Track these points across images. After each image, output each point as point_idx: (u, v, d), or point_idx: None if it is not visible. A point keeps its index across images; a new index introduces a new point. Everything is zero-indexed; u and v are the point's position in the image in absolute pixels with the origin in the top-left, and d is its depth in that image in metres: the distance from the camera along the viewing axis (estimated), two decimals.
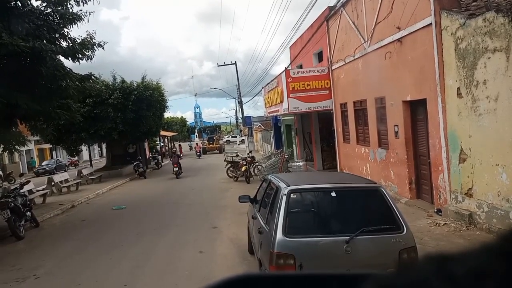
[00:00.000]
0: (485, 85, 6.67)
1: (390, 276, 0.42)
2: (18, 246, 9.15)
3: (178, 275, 6.31)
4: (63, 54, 10.92)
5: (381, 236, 4.22)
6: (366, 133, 12.15)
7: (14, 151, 12.48)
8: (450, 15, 7.47)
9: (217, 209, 11.31)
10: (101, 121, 21.12)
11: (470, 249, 0.40)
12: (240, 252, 7.13)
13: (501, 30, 6.18)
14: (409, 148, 9.68)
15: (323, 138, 17.57)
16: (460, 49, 7.21)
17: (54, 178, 18.52)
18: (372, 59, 10.95)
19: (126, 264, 7.07)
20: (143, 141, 27.28)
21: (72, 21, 11.15)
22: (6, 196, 10.40)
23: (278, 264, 4.09)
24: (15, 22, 9.54)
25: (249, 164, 16.93)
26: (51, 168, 31.68)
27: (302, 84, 14.45)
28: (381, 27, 10.10)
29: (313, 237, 4.27)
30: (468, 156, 7.35)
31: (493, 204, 6.75)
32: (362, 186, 4.90)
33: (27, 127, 12.71)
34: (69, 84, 11.26)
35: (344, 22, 12.82)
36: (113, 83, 22.54)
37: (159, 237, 8.69)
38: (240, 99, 36.09)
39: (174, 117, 74.33)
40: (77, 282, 6.39)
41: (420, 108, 9.06)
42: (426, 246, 6.37)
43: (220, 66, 35.58)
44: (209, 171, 22.58)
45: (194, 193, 15.01)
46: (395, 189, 10.33)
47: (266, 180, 6.02)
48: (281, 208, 4.30)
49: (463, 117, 7.35)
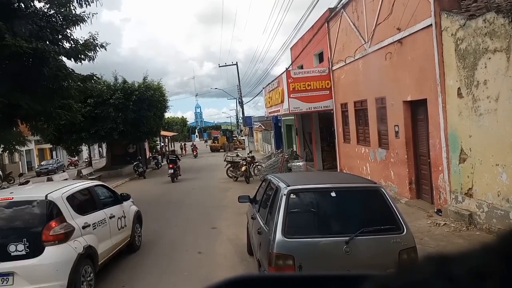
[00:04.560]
0: (485, 85, 6.67)
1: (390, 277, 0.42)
2: None
3: (177, 276, 6.31)
4: (66, 55, 10.97)
5: (381, 236, 4.22)
6: (367, 133, 12.15)
7: (14, 151, 12.49)
8: (450, 16, 7.48)
9: (217, 209, 11.31)
10: (101, 121, 21.15)
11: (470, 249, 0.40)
12: (239, 253, 7.13)
13: (502, 30, 6.18)
14: (409, 148, 9.68)
15: (324, 138, 17.57)
16: (461, 50, 7.21)
17: (53, 178, 18.53)
18: (372, 60, 10.95)
19: (124, 264, 7.06)
20: (143, 141, 27.29)
21: (75, 23, 11.20)
22: None
23: (278, 265, 4.09)
24: (18, 24, 9.56)
25: (249, 164, 16.93)
26: (53, 168, 31.85)
27: (303, 85, 14.46)
28: (381, 28, 10.11)
29: (313, 238, 4.26)
30: (468, 156, 7.35)
31: (493, 204, 6.75)
32: (362, 186, 4.90)
33: (27, 127, 12.73)
34: (70, 85, 11.31)
35: (344, 23, 12.82)
36: (114, 84, 22.58)
37: (159, 237, 8.69)
38: (240, 99, 36.12)
39: (174, 117, 74.37)
40: None
41: (421, 108, 9.07)
42: (426, 247, 6.36)
43: (221, 67, 35.63)
44: (209, 171, 22.57)
45: (194, 193, 15.00)
46: (395, 189, 10.33)
47: (266, 180, 6.02)
48: (281, 208, 4.29)
49: (463, 117, 7.35)
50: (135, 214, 7.89)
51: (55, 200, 5.33)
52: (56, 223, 5.17)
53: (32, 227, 5.13)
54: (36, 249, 4.93)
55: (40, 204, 5.27)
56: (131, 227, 7.49)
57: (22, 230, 5.10)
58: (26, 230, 5.10)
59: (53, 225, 5.12)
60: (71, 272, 5.03)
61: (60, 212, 5.31)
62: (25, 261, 4.85)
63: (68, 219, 5.36)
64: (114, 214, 6.80)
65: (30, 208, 5.33)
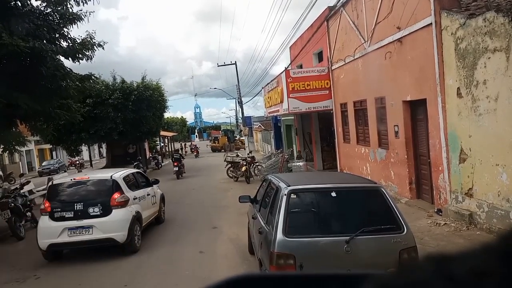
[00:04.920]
0: (485, 85, 6.67)
1: (390, 276, 0.42)
2: (18, 247, 9.15)
3: (179, 275, 6.32)
4: (64, 54, 10.91)
5: (381, 236, 4.22)
6: (366, 133, 12.15)
7: (14, 151, 12.47)
8: (450, 15, 7.47)
9: (217, 209, 11.31)
10: (101, 121, 21.13)
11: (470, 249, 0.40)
12: (241, 252, 7.14)
13: (501, 30, 6.18)
14: (409, 148, 9.68)
15: (323, 138, 17.56)
16: (460, 49, 7.21)
17: (53, 178, 18.52)
18: (372, 59, 10.95)
19: (126, 264, 7.07)
20: (143, 141, 27.28)
21: (72, 21, 11.14)
22: (6, 196, 10.40)
23: (279, 264, 4.09)
24: (15, 22, 9.53)
25: (249, 164, 16.93)
26: (55, 168, 31.95)
27: (302, 84, 14.45)
28: (381, 27, 10.10)
29: (314, 237, 4.27)
30: (468, 156, 7.34)
31: (493, 204, 6.75)
32: (362, 186, 4.90)
33: (27, 127, 12.70)
34: (69, 84, 11.26)
35: (344, 22, 12.82)
36: (113, 83, 22.55)
37: (159, 237, 8.69)
38: (240, 99, 36.06)
39: (174, 117, 74.33)
40: (77, 282, 6.40)
41: (420, 108, 9.06)
42: (427, 246, 6.36)
43: (220, 66, 35.58)
44: (209, 171, 22.57)
45: (195, 193, 15.01)
46: (395, 189, 10.33)
47: (266, 180, 6.02)
48: (281, 208, 4.30)
49: (463, 117, 7.35)
50: (161, 196, 10.20)
51: (117, 179, 7.82)
52: (119, 194, 7.59)
53: (103, 197, 7.53)
54: (106, 211, 7.39)
55: (107, 182, 7.76)
56: (159, 204, 9.86)
57: (96, 199, 7.52)
58: (99, 198, 7.51)
59: (116, 195, 7.55)
60: (129, 227, 7.46)
61: (120, 187, 7.74)
62: (100, 219, 7.31)
63: (125, 192, 7.79)
64: (149, 193, 9.17)
65: (101, 184, 7.79)
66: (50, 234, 7.29)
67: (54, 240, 7.24)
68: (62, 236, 7.25)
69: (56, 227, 7.28)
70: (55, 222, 7.35)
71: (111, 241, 7.33)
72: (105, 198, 7.49)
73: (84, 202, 7.41)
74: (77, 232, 7.29)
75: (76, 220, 7.31)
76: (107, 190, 7.62)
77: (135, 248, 7.68)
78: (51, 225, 7.34)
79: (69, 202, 7.52)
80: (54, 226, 7.30)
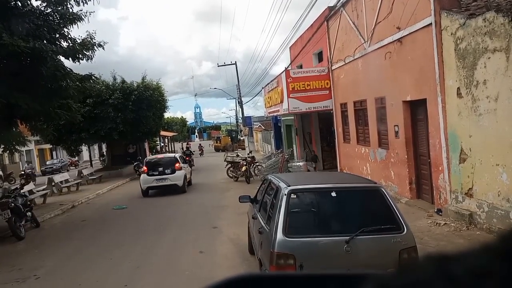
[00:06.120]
0: (485, 85, 6.66)
1: (390, 276, 0.42)
2: (18, 247, 9.15)
3: (179, 275, 6.32)
4: (64, 55, 10.92)
5: (381, 236, 4.22)
6: (366, 133, 12.15)
7: (14, 151, 12.48)
8: (450, 15, 7.47)
9: (217, 209, 11.32)
10: (101, 121, 21.13)
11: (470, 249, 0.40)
12: (241, 252, 7.14)
13: (501, 30, 6.18)
14: (409, 148, 9.68)
15: (323, 138, 17.56)
16: (460, 49, 7.21)
17: (54, 178, 18.51)
18: (372, 59, 10.95)
19: (126, 264, 7.07)
20: (143, 141, 27.29)
21: (72, 21, 11.14)
22: (6, 196, 10.40)
23: (279, 264, 4.09)
24: (15, 22, 9.53)
25: (249, 164, 16.93)
26: (57, 167, 32.09)
27: (302, 84, 14.45)
28: (381, 27, 10.10)
29: (313, 237, 4.27)
30: (468, 156, 7.34)
31: (494, 204, 6.75)
32: (362, 186, 4.90)
33: (27, 127, 12.71)
34: (69, 84, 11.25)
35: (344, 22, 12.82)
36: (113, 83, 22.55)
37: (160, 237, 8.69)
38: (240, 99, 36.06)
39: (174, 117, 74.37)
40: (77, 282, 6.40)
41: (420, 108, 9.06)
42: (427, 246, 6.36)
43: (220, 66, 35.58)
44: (209, 171, 22.58)
45: (195, 193, 15.01)
46: (395, 189, 10.33)
47: (266, 180, 6.02)
48: (281, 208, 4.30)
49: (463, 117, 7.35)
50: (190, 170, 18.22)
51: (177, 157, 16.16)
52: (178, 163, 15.30)
53: (171, 165, 15.17)
54: (173, 171, 15.02)
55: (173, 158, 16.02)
56: (190, 175, 17.36)
57: (168, 165, 15.16)
58: (169, 165, 15.16)
59: (177, 164, 15.27)
60: (184, 180, 15.28)
61: (178, 160, 15.58)
62: (170, 175, 14.94)
63: (181, 163, 15.65)
64: (186, 167, 16.62)
65: (170, 159, 15.76)
66: (147, 181, 14.91)
67: (149, 184, 14.93)
68: (153, 183, 14.88)
69: (150, 179, 14.91)
70: (149, 176, 14.89)
71: (175, 186, 14.82)
72: (172, 165, 15.09)
73: (163, 167, 15.04)
74: (160, 181, 14.88)
75: (159, 175, 14.88)
76: (173, 161, 15.32)
77: (185, 190, 15.16)
78: (147, 178, 14.90)
79: (155, 167, 15.10)
80: (149, 178, 14.92)
